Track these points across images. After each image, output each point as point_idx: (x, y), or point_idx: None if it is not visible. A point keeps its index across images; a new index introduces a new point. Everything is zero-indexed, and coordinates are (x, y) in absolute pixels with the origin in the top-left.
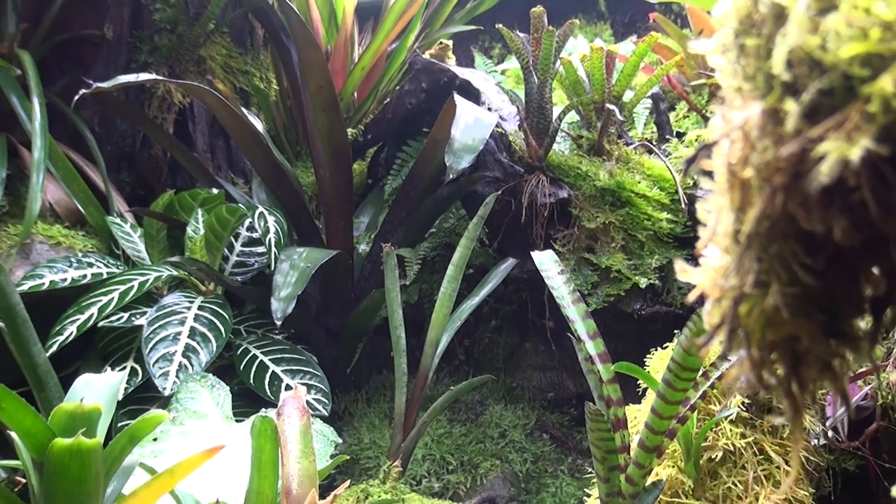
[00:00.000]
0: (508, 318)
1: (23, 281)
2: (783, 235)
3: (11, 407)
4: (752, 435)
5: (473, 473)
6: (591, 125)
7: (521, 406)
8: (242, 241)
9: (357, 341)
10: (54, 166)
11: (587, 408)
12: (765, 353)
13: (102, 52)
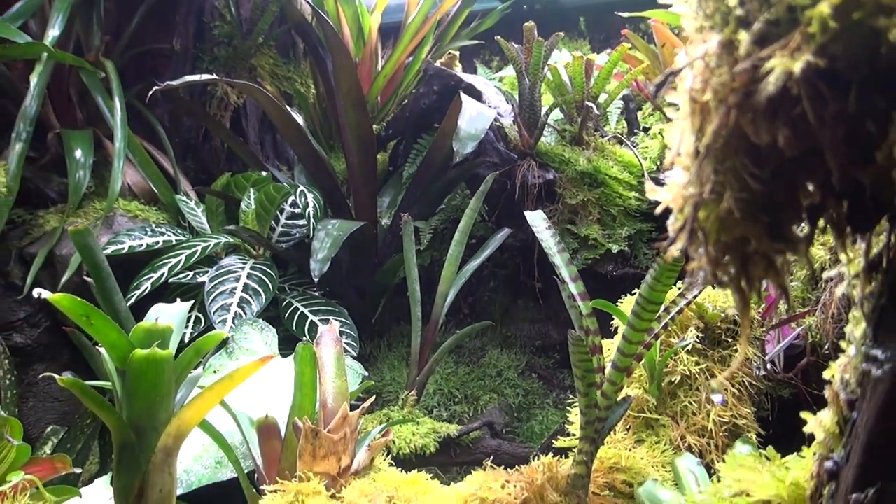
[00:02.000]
0: (504, 280)
1: (107, 245)
2: (735, 151)
3: (99, 323)
4: (705, 363)
5: (475, 404)
6: (572, 120)
7: (514, 351)
8: (286, 215)
9: (380, 297)
10: (132, 154)
11: (570, 335)
12: (719, 253)
13: (171, 62)
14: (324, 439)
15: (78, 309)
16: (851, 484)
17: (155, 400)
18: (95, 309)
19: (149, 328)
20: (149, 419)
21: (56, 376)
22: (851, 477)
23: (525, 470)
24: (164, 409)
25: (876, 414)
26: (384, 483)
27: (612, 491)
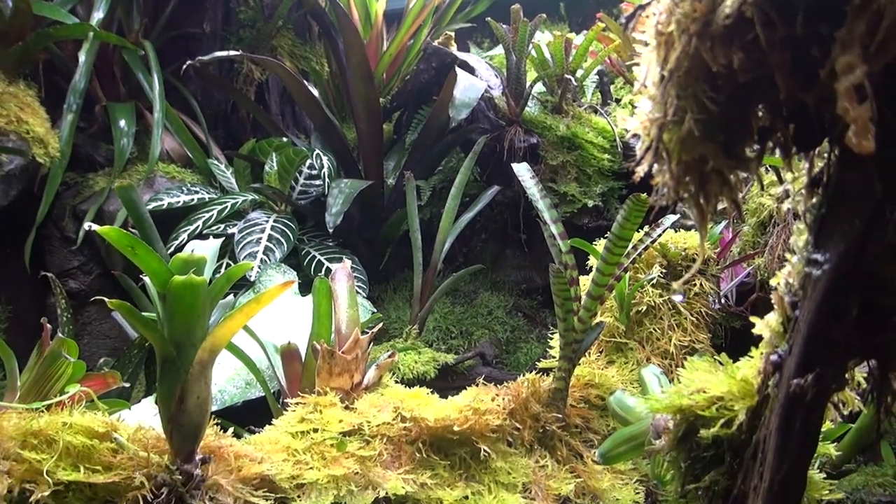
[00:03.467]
0: (494, 232)
1: (149, 202)
2: (695, 77)
3: (142, 253)
4: (667, 295)
5: (469, 339)
6: (553, 92)
7: (502, 293)
8: (304, 176)
9: (386, 247)
10: (169, 124)
11: (551, 268)
12: (681, 171)
13: (202, 43)
14: (338, 359)
15: (123, 240)
16: (793, 371)
17: (192, 320)
18: (139, 240)
19: (185, 258)
20: (187, 336)
21: (107, 300)
22: (793, 365)
23: (512, 385)
24: (199, 327)
25: (815, 309)
26: (391, 396)
27: (587, 403)
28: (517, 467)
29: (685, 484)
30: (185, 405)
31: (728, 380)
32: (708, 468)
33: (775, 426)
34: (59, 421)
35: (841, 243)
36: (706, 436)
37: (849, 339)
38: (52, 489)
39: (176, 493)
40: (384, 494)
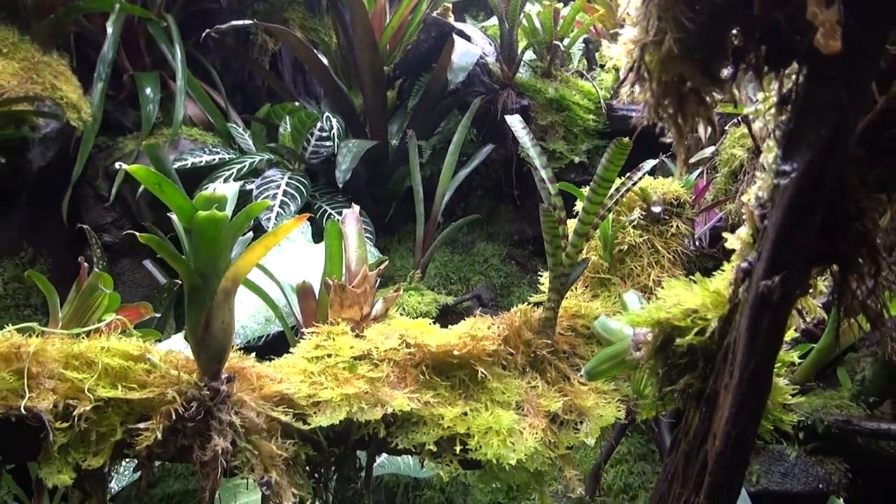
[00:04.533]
0: (489, 189)
1: (174, 162)
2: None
3: (169, 190)
4: (647, 235)
5: (467, 284)
6: (543, 58)
7: (497, 244)
8: (315, 138)
9: (391, 202)
10: (191, 91)
11: (541, 207)
12: (660, 91)
13: (220, 16)
14: (349, 292)
15: (151, 178)
16: (761, 275)
17: (215, 252)
18: (165, 178)
19: (208, 196)
20: (211, 267)
21: (137, 234)
22: (761, 270)
23: (506, 316)
24: (222, 259)
25: (782, 215)
26: (396, 326)
27: (574, 332)
28: (511, 388)
29: (662, 387)
30: (211, 329)
31: (702, 292)
32: (683, 373)
33: (744, 327)
34: (97, 345)
35: (808, 152)
36: (681, 344)
37: (813, 244)
38: (93, 405)
39: (204, 406)
40: (391, 411)
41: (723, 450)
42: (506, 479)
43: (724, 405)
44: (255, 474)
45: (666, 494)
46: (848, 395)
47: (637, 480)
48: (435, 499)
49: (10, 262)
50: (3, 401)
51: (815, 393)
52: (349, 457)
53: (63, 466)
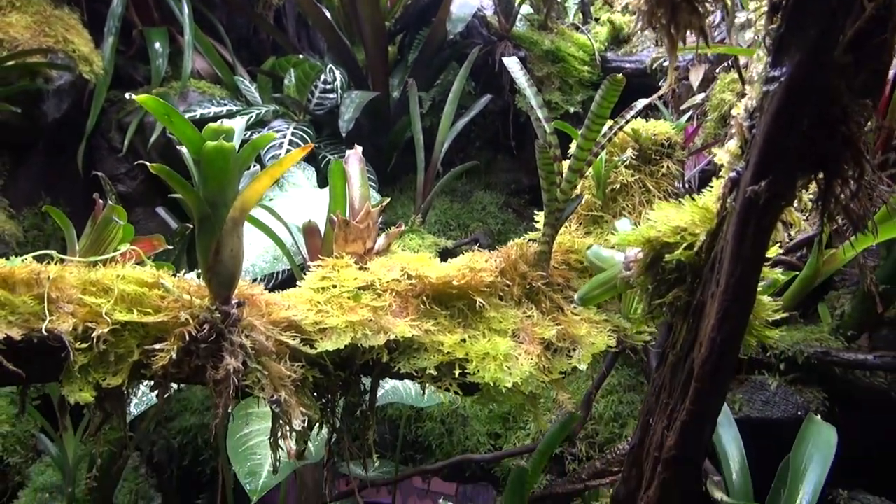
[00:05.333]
0: (487, 140)
1: (183, 113)
2: None
3: (178, 121)
4: (638, 175)
5: (466, 230)
6: (539, 11)
7: (495, 192)
8: (319, 90)
9: (392, 152)
10: (199, 45)
11: (536, 143)
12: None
13: None
14: (352, 227)
15: (160, 108)
16: (749, 181)
17: (223, 182)
18: (174, 109)
19: (216, 127)
20: (220, 197)
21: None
22: (749, 176)
23: (503, 250)
24: (230, 189)
25: (770, 120)
26: (398, 259)
27: (568, 266)
28: (507, 317)
29: (651, 301)
30: (221, 256)
31: (691, 209)
32: (671, 287)
33: (732, 234)
34: (113, 273)
35: (797, 54)
36: (670, 260)
37: (800, 148)
38: (110, 328)
39: (216, 328)
40: (394, 337)
41: (708, 355)
42: (502, 401)
43: (711, 314)
44: (266, 393)
45: (654, 407)
46: (827, 330)
47: (626, 409)
48: (436, 430)
49: (30, 212)
50: (25, 323)
51: (797, 327)
52: (354, 381)
53: (84, 385)
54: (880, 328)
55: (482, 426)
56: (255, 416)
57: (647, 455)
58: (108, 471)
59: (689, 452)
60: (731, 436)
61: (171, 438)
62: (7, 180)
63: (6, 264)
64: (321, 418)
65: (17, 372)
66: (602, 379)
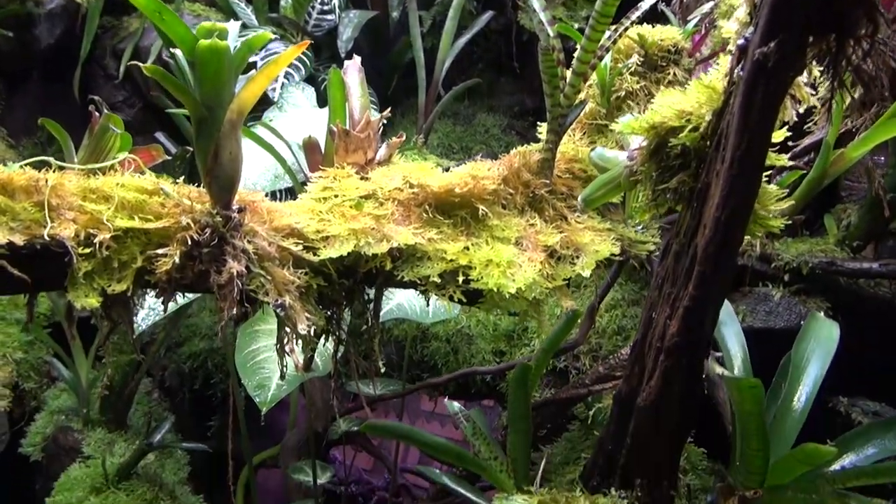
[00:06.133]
0: (489, 62)
1: None
2: None
3: (169, 19)
4: (644, 82)
5: (468, 153)
6: None
7: (498, 115)
8: (317, 11)
9: (393, 74)
10: None
11: (539, 47)
12: None
13: None
14: (353, 137)
15: (151, 5)
16: (758, 43)
17: (219, 84)
18: (165, 7)
19: (209, 27)
20: (216, 99)
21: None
22: (757, 39)
23: (505, 158)
24: (226, 91)
25: None
26: (400, 169)
27: (571, 175)
28: (511, 225)
29: (655, 188)
30: (220, 159)
31: (697, 90)
32: (676, 173)
33: (738, 105)
34: (113, 181)
35: None
36: (675, 145)
37: (809, 5)
38: (112, 234)
39: (218, 233)
40: (397, 245)
41: (712, 236)
42: (506, 307)
43: (715, 194)
44: (270, 298)
45: (656, 300)
46: (833, 241)
47: (630, 323)
48: (441, 349)
49: (29, 142)
50: (27, 230)
51: (802, 239)
52: (358, 290)
53: (89, 291)
54: (886, 238)
55: (487, 344)
56: (261, 333)
57: (649, 348)
58: (121, 394)
59: (692, 338)
60: (733, 331)
61: (182, 363)
62: (4, 110)
63: (4, 170)
64: (326, 326)
65: (21, 277)
66: (606, 289)
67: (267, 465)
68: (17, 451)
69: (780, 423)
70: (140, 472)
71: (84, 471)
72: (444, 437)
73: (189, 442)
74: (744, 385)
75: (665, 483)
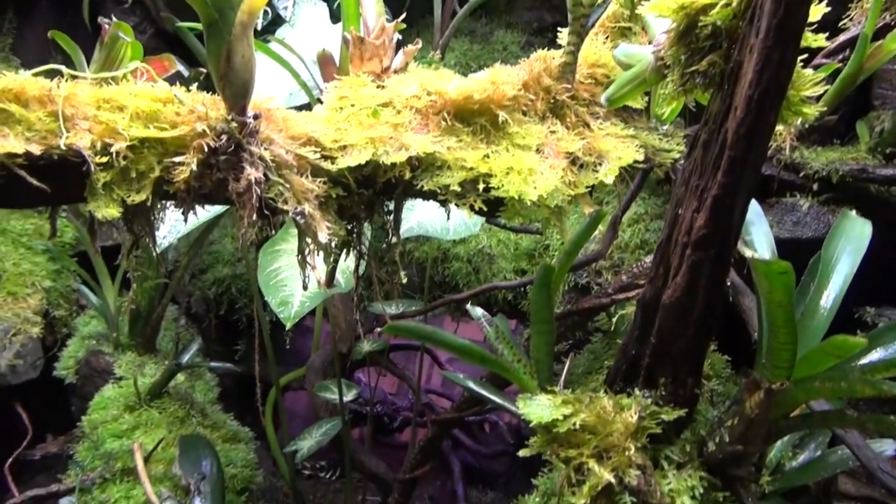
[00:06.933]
0: None
1: None
2: None
3: None
4: None
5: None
6: None
7: (516, 32)
8: None
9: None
10: None
11: None
12: None
13: None
14: (367, 44)
15: None
16: None
17: None
18: None
19: None
20: (226, 1)
21: None
22: None
23: (525, 62)
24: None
25: None
26: (416, 76)
27: (594, 80)
28: (531, 132)
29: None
30: (232, 63)
31: None
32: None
33: None
34: (126, 91)
35: None
36: (706, 24)
37: None
38: (128, 143)
39: (234, 139)
40: (415, 154)
41: (744, 116)
42: (527, 215)
43: (748, 71)
44: (289, 206)
45: (683, 194)
46: (865, 149)
47: (653, 237)
48: (463, 269)
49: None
50: (43, 140)
51: (833, 147)
52: (378, 202)
53: (109, 202)
54: None
55: (508, 263)
56: (283, 252)
57: (675, 245)
58: (149, 318)
59: (720, 229)
60: (762, 231)
61: (207, 289)
62: (15, 38)
63: (17, 80)
64: (347, 238)
65: (41, 187)
66: (630, 199)
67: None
68: (52, 375)
69: (807, 322)
70: (171, 391)
71: (117, 391)
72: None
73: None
74: (773, 269)
75: (689, 381)
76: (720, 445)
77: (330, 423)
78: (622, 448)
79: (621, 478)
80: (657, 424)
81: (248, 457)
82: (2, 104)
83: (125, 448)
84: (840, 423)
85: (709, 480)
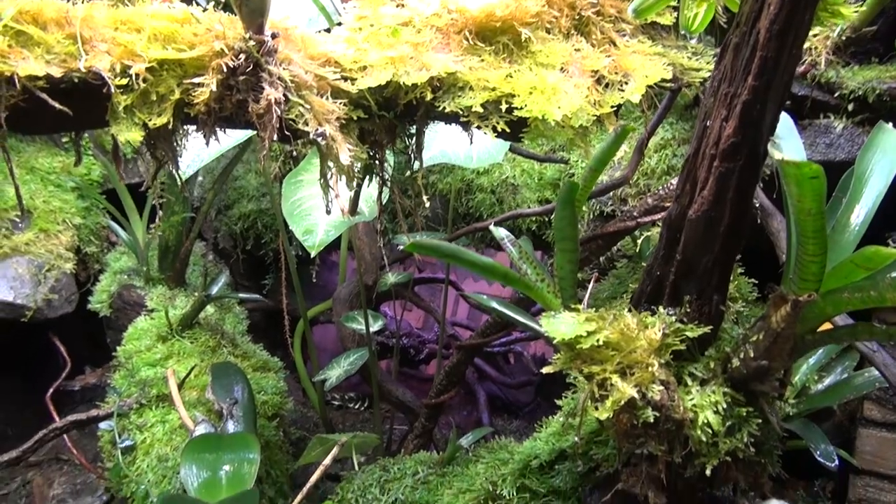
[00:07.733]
0: None
1: None
2: None
3: None
4: None
5: None
6: None
7: None
8: None
9: None
10: None
11: None
12: None
13: None
14: None
15: None
16: None
17: None
18: None
19: None
20: None
21: None
22: None
23: None
24: None
25: None
26: None
27: None
28: (555, 51)
29: None
30: None
31: None
32: None
33: None
34: (143, 12)
35: None
36: None
37: None
38: (147, 64)
39: (252, 58)
40: (436, 74)
41: (777, 12)
42: (551, 136)
43: None
44: (310, 127)
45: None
46: None
47: (679, 162)
48: (486, 200)
49: None
50: (63, 63)
51: (870, 66)
52: (400, 125)
53: (131, 126)
54: None
55: (532, 193)
56: (305, 182)
57: (702, 159)
58: (177, 253)
59: (749, 137)
60: (794, 146)
61: (233, 225)
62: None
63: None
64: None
65: (63, 110)
66: (657, 122)
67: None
68: (87, 309)
69: (837, 237)
70: (202, 322)
71: (150, 322)
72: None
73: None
74: (804, 173)
75: (715, 297)
76: (745, 361)
77: (357, 352)
78: (645, 364)
79: (644, 393)
80: (681, 341)
81: (278, 384)
82: (20, 26)
83: (159, 376)
84: (868, 335)
85: (732, 396)
